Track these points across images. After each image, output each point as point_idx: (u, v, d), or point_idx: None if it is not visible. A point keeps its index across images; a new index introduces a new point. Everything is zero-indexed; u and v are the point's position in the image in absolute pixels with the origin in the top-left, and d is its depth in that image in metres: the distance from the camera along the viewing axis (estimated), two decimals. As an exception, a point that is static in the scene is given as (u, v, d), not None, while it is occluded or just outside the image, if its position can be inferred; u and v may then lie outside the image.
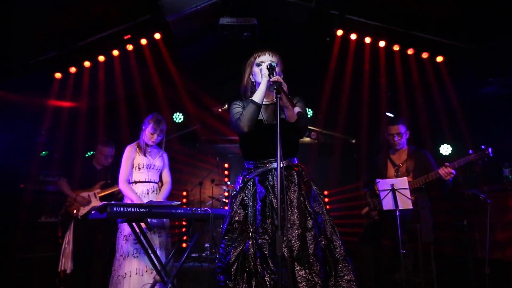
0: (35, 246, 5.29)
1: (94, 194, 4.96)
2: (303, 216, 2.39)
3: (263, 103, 2.59)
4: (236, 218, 2.49)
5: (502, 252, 4.71)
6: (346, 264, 2.40)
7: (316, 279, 2.21)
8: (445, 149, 5.90)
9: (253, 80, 2.72)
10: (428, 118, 5.80)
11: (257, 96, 2.47)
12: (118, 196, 4.96)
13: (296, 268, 2.24)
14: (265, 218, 2.39)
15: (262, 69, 2.50)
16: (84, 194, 4.89)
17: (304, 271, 2.22)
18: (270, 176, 2.51)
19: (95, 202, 4.89)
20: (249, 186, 2.56)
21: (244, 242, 2.41)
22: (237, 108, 2.63)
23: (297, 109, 2.23)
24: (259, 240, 2.33)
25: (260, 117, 2.59)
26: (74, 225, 4.89)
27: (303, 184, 2.55)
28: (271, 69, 2.41)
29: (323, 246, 2.40)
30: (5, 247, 5.12)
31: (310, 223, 2.37)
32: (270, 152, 2.52)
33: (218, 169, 7.44)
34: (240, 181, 2.64)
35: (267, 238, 2.32)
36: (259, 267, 2.30)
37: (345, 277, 2.37)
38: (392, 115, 5.96)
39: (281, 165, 2.21)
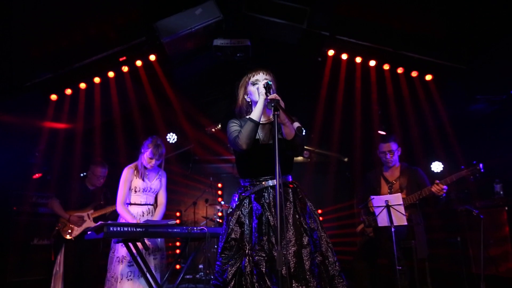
0: (27, 269, 5.29)
1: (88, 215, 4.98)
2: (298, 233, 2.42)
3: (262, 122, 2.64)
4: (233, 235, 2.50)
5: (496, 268, 4.81)
6: (341, 280, 2.44)
7: None
8: (437, 166, 5.99)
9: (249, 100, 2.77)
10: (419, 135, 5.91)
11: (255, 114, 2.52)
12: (111, 217, 5.01)
13: (294, 285, 2.25)
14: (262, 236, 2.42)
15: (259, 87, 2.55)
16: (78, 214, 4.91)
17: (301, 284, 2.26)
18: (266, 194, 2.54)
19: (89, 223, 4.93)
20: (245, 204, 2.58)
21: (241, 259, 2.42)
22: (234, 126, 2.66)
23: (296, 124, 2.27)
24: (256, 258, 2.35)
25: (257, 136, 2.62)
26: (65, 248, 4.90)
27: (298, 201, 2.58)
28: (267, 87, 2.46)
29: (318, 262, 2.42)
30: (-3, 270, 5.10)
31: (305, 239, 2.41)
32: (266, 170, 2.57)
33: (212, 189, 7.51)
34: (236, 199, 2.66)
35: (263, 255, 2.34)
36: (256, 284, 2.31)
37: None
38: (384, 133, 6.04)
39: (279, 182, 2.25)
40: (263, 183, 2.58)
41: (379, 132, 6.13)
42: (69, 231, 4.88)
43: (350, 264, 4.67)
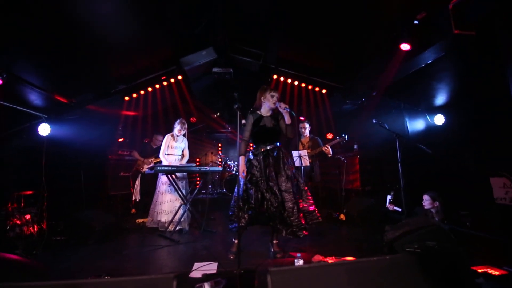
0: (118, 188, 5.27)
1: (151, 160, 4.99)
2: (285, 171, 2.60)
3: (266, 115, 2.65)
4: (252, 172, 2.59)
5: (352, 185, 5.09)
6: (307, 193, 2.69)
7: (293, 197, 2.52)
8: (330, 136, 6.03)
9: (263, 101, 2.67)
10: (321, 120, 5.99)
11: (241, 158, 2.58)
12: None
13: (284, 194, 2.52)
14: (261, 172, 2.58)
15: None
16: (146, 160, 4.94)
17: (287, 194, 2.52)
18: (265, 152, 2.63)
19: (151, 164, 4.90)
20: (256, 157, 2.64)
21: (254, 182, 2.57)
22: (246, 131, 2.63)
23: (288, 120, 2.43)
24: (257, 180, 2.57)
25: (263, 122, 2.64)
26: (140, 176, 4.94)
27: (285, 157, 2.67)
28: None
29: (296, 184, 2.63)
30: (101, 188, 5.14)
31: (289, 172, 2.59)
32: (265, 141, 2.66)
33: (215, 147, 7.50)
34: (251, 154, 2.68)
35: (262, 180, 2.56)
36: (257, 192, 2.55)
37: (307, 197, 2.67)
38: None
39: (268, 148, 2.55)
40: (265, 147, 2.63)
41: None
42: (141, 167, 4.94)
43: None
